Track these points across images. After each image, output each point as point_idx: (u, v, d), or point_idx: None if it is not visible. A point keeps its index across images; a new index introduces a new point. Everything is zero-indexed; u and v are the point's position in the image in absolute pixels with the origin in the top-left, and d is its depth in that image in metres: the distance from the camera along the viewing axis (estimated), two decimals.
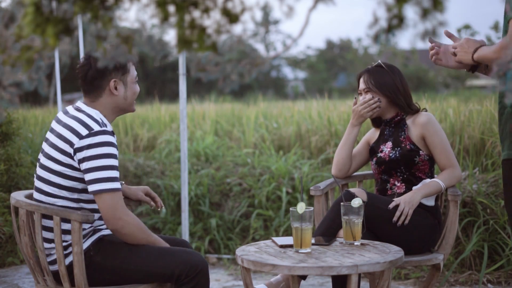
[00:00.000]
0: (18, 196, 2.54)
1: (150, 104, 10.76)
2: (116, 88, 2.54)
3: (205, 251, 4.85)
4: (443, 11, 1.01)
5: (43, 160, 2.52)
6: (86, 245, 2.50)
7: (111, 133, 2.47)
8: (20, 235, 2.54)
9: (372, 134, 3.27)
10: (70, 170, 2.45)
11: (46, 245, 2.52)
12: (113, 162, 2.41)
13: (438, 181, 2.96)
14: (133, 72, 2.58)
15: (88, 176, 2.40)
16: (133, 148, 6.72)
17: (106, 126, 2.47)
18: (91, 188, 2.39)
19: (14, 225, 2.60)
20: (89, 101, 2.55)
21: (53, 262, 2.51)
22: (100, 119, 2.49)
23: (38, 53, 1.04)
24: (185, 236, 4.40)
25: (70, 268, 2.47)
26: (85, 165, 2.40)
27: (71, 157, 2.44)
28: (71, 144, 2.44)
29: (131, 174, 5.49)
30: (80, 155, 2.41)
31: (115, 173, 2.41)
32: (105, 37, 1.06)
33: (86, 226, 2.50)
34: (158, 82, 27.61)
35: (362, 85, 3.16)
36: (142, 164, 5.63)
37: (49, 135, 2.54)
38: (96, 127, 2.43)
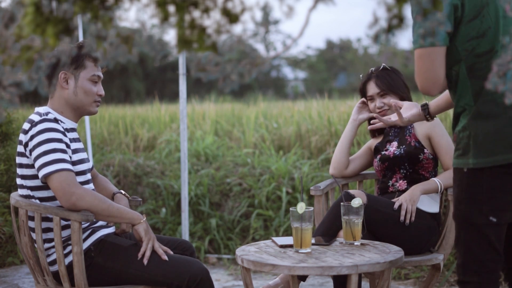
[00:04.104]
0: (18, 196, 2.54)
1: (150, 104, 10.77)
2: (67, 82, 2.54)
3: (205, 251, 4.85)
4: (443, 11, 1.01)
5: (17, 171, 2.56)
6: (86, 245, 2.50)
7: (53, 120, 2.47)
8: (20, 235, 2.54)
9: (375, 140, 3.28)
10: (33, 169, 2.47)
11: (46, 245, 2.52)
12: (56, 145, 2.41)
13: (435, 180, 2.98)
14: (91, 70, 2.56)
15: (36, 165, 2.42)
16: (133, 148, 6.72)
17: (47, 115, 2.48)
18: (40, 174, 2.40)
19: (14, 225, 2.60)
20: (50, 97, 2.59)
21: (53, 262, 2.51)
22: (46, 112, 2.50)
23: (38, 53, 1.04)
24: (185, 236, 4.40)
25: (70, 268, 2.47)
26: (32, 155, 2.43)
27: (26, 156, 2.47)
28: (21, 142, 2.48)
29: (131, 174, 5.49)
30: (28, 148, 2.45)
31: (59, 155, 2.40)
32: (105, 37, 1.05)
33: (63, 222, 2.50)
34: (158, 82, 27.60)
35: (374, 90, 3.13)
36: (142, 164, 5.63)
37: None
38: (36, 119, 2.46)
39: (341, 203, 2.61)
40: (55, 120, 2.48)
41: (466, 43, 2.01)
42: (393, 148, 3.09)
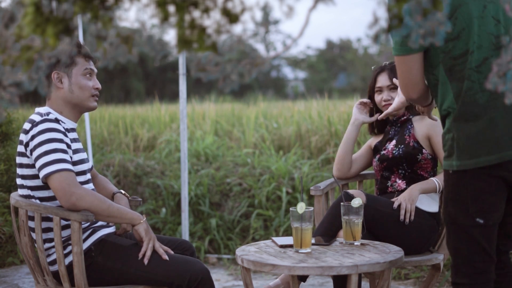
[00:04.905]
0: (18, 196, 2.54)
1: (150, 104, 10.76)
2: (61, 81, 2.54)
3: (205, 251, 4.85)
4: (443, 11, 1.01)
5: (17, 171, 2.55)
6: (86, 245, 2.50)
7: (54, 120, 2.47)
8: (20, 235, 2.54)
9: (375, 139, 3.28)
10: (34, 169, 2.47)
11: (46, 245, 2.52)
12: (57, 145, 2.41)
13: (434, 179, 2.99)
14: (82, 65, 2.56)
15: (37, 165, 2.41)
16: (133, 148, 6.72)
17: (48, 116, 2.48)
18: (41, 174, 2.40)
19: (14, 225, 2.60)
20: (47, 98, 2.59)
21: (53, 262, 2.51)
22: (47, 112, 2.50)
23: (38, 53, 1.04)
24: (185, 236, 4.40)
25: (70, 268, 2.47)
26: (33, 155, 2.43)
27: (27, 156, 2.47)
28: (21, 142, 2.48)
29: (131, 174, 5.49)
30: (29, 148, 2.45)
31: (60, 155, 2.40)
32: (105, 37, 1.05)
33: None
34: (158, 82, 27.59)
35: (385, 82, 3.13)
36: (142, 164, 5.63)
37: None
38: (37, 119, 2.46)
39: (341, 203, 2.61)
40: (56, 120, 2.48)
41: (442, 45, 2.03)
42: (391, 146, 3.08)
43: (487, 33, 2.03)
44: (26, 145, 2.45)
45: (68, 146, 2.48)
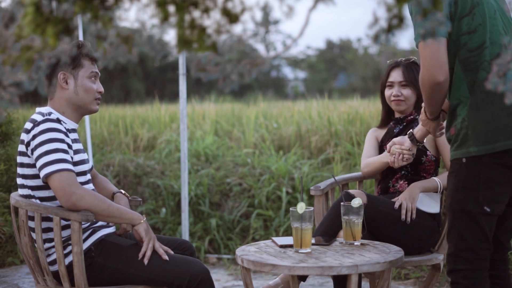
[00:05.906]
0: (18, 196, 2.54)
1: (150, 104, 10.76)
2: (66, 82, 2.55)
3: (205, 251, 4.85)
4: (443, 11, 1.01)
5: (18, 170, 2.56)
6: (86, 245, 2.50)
7: (55, 120, 2.47)
8: (20, 235, 2.54)
9: (376, 132, 3.26)
10: (35, 169, 2.47)
11: (46, 245, 2.52)
12: (58, 145, 2.42)
13: (435, 179, 2.99)
14: (89, 68, 2.57)
15: (37, 164, 2.42)
16: (133, 148, 6.72)
17: (49, 116, 2.48)
18: (41, 174, 2.40)
19: (14, 225, 2.60)
20: (49, 98, 2.59)
21: (53, 262, 2.51)
22: (49, 112, 2.51)
23: (38, 53, 1.04)
24: (185, 236, 4.40)
25: (70, 268, 2.47)
26: (34, 155, 2.43)
27: (28, 155, 2.47)
28: (23, 142, 2.48)
29: (131, 174, 5.49)
30: (30, 147, 2.45)
31: (60, 155, 2.40)
32: (105, 37, 1.06)
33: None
34: (158, 82, 27.59)
35: (398, 77, 3.11)
36: (142, 164, 5.63)
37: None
38: (39, 118, 2.46)
39: (341, 203, 2.61)
40: (58, 121, 2.49)
41: (459, 37, 2.16)
42: None
43: (498, 32, 2.18)
44: (27, 144, 2.46)
45: (69, 147, 2.48)
